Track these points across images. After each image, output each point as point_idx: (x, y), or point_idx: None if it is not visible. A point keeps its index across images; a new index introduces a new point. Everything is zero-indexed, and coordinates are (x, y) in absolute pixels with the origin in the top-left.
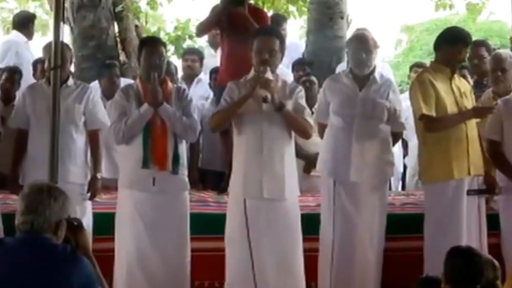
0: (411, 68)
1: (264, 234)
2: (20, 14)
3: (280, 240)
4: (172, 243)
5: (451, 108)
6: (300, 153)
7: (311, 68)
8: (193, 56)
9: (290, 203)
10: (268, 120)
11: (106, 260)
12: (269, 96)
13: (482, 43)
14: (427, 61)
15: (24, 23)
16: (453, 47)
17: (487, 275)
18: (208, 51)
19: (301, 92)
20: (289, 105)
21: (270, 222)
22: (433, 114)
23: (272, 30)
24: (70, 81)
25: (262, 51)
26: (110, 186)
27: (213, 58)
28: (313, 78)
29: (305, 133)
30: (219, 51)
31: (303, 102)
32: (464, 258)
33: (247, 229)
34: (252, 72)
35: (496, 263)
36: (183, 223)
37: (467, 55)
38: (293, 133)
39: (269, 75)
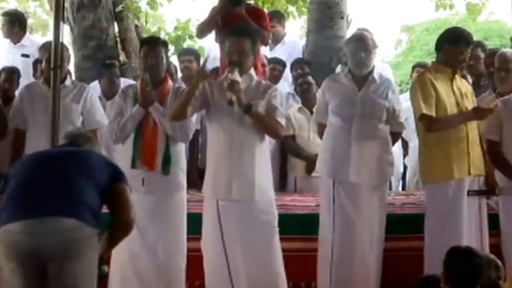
0: (413, 68)
1: (237, 235)
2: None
3: (254, 240)
4: (164, 245)
5: (452, 109)
6: (301, 154)
7: (309, 67)
8: (189, 57)
9: (261, 204)
10: (238, 121)
11: (106, 260)
12: (233, 98)
13: (477, 44)
14: (428, 61)
15: None
16: (454, 47)
17: (489, 275)
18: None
19: (274, 92)
20: (261, 105)
21: (241, 223)
22: (433, 114)
23: (243, 30)
24: (68, 81)
25: (232, 53)
26: None
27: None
28: (310, 79)
29: (274, 134)
30: None
31: (276, 102)
32: (463, 259)
33: (220, 231)
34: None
35: (499, 263)
36: (176, 225)
37: (468, 55)
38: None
39: (236, 76)
